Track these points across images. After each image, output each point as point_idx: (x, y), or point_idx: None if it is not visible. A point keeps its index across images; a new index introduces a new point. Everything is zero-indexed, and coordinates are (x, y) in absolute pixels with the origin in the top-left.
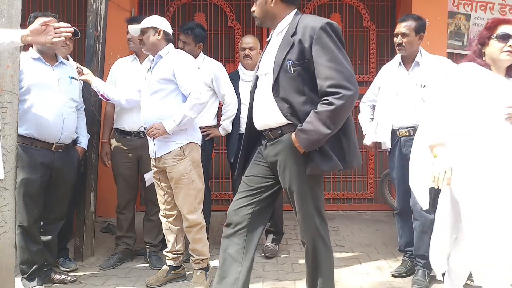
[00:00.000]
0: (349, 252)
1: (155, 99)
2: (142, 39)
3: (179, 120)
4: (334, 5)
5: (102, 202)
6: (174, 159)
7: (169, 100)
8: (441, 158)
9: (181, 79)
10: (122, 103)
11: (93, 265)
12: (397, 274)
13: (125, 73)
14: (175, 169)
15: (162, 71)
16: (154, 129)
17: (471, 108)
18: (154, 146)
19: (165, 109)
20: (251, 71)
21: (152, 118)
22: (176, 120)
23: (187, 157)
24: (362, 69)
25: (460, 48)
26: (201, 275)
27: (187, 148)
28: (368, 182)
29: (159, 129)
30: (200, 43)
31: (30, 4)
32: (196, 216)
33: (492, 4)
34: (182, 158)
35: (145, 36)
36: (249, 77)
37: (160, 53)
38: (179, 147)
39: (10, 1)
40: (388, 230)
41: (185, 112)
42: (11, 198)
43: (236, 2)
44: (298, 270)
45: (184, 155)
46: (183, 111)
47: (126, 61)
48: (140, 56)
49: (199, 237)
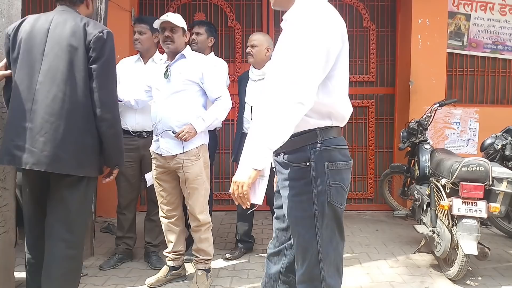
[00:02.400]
0: (349, 252)
1: (177, 99)
2: (171, 36)
3: (210, 122)
4: (334, 5)
5: (102, 202)
6: (191, 160)
7: (192, 101)
8: None
9: (210, 83)
10: (131, 104)
11: (93, 265)
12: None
13: (129, 74)
14: (191, 170)
15: (188, 72)
16: (186, 133)
17: None
18: (167, 144)
19: (187, 110)
20: (259, 71)
21: (172, 119)
22: (206, 121)
23: (201, 158)
24: (362, 69)
25: (460, 48)
26: (202, 275)
27: (201, 149)
28: (368, 182)
29: (191, 131)
30: (212, 37)
31: (30, 4)
32: (206, 215)
33: (492, 4)
34: (198, 159)
35: (176, 35)
36: (256, 76)
37: (183, 53)
38: (195, 147)
39: (10, 1)
40: (388, 230)
41: (216, 115)
42: (11, 198)
43: (236, 2)
44: None
45: (199, 156)
46: (215, 113)
47: (130, 61)
48: (144, 56)
49: (206, 237)
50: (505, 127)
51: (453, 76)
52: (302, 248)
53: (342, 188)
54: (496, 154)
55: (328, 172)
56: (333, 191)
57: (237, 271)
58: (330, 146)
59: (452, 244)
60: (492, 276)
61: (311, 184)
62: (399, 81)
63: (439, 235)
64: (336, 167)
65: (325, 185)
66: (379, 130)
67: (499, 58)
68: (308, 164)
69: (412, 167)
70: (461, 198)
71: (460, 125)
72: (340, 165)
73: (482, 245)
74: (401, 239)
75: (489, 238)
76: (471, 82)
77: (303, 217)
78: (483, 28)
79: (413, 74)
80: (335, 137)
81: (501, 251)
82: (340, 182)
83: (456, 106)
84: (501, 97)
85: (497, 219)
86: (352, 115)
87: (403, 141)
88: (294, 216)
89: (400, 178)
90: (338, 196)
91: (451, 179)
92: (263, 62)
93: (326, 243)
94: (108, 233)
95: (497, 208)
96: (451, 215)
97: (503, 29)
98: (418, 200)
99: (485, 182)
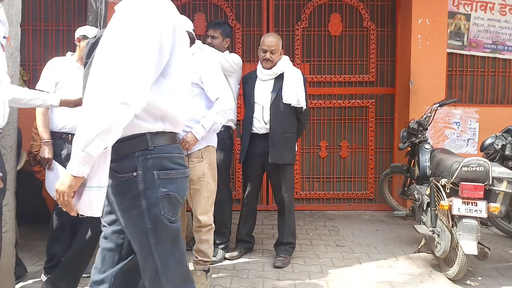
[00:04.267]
0: (349, 252)
1: None
2: None
3: (209, 127)
4: (334, 5)
5: None
6: (193, 162)
7: (194, 103)
8: None
9: (208, 84)
10: None
11: (93, 265)
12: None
13: None
14: (193, 171)
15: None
16: (187, 143)
17: None
18: None
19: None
20: (269, 70)
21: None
22: (205, 127)
23: (204, 160)
24: (362, 69)
25: (460, 48)
26: (202, 275)
27: (205, 151)
28: (368, 182)
29: (191, 141)
30: (227, 38)
31: (30, 4)
32: (208, 217)
33: (492, 4)
34: (201, 161)
35: None
36: (265, 76)
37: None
38: (198, 150)
39: (10, 1)
40: (388, 230)
41: (214, 119)
42: (11, 198)
43: (236, 2)
44: (298, 270)
45: (203, 158)
46: (213, 117)
47: None
48: None
49: (206, 238)
50: (505, 127)
51: (453, 76)
52: (142, 265)
53: (176, 199)
54: (496, 154)
55: (159, 182)
56: (166, 202)
57: (237, 271)
58: (161, 153)
59: (452, 244)
60: (492, 276)
61: (140, 197)
62: (399, 81)
63: (439, 235)
64: (168, 176)
65: (156, 196)
66: (379, 130)
67: (499, 58)
68: (135, 174)
69: (412, 167)
70: (461, 198)
71: (460, 125)
72: (173, 173)
73: (482, 245)
74: (401, 239)
75: (489, 238)
76: (471, 82)
77: (136, 234)
78: (483, 28)
79: (413, 74)
80: (167, 144)
81: (501, 251)
82: (174, 192)
83: (456, 106)
84: (501, 97)
85: (497, 219)
86: (352, 115)
87: (403, 141)
88: (128, 233)
89: (400, 178)
90: (171, 208)
91: (451, 179)
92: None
93: (166, 258)
94: None
95: (497, 208)
96: (451, 215)
97: (503, 29)
98: (418, 200)
99: (485, 182)
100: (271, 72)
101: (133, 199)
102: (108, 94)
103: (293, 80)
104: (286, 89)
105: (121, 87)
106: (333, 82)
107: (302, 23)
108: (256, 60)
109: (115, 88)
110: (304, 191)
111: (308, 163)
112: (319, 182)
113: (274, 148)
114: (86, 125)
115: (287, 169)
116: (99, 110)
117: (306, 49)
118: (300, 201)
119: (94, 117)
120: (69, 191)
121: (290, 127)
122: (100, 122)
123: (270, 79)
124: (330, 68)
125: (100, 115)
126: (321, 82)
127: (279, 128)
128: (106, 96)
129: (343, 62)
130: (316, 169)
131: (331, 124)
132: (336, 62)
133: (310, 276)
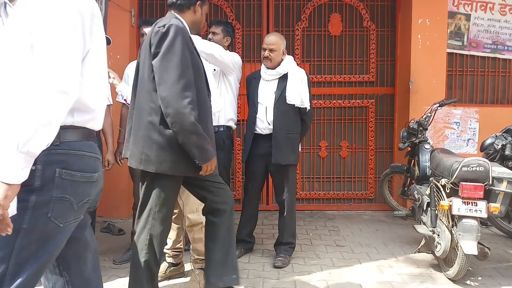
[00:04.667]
0: (349, 252)
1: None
2: None
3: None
4: (334, 5)
5: (102, 202)
6: None
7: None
8: None
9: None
10: None
11: None
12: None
13: None
14: None
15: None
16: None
17: None
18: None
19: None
20: (273, 70)
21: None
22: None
23: None
24: (362, 69)
25: (460, 48)
26: (200, 274)
27: None
28: (368, 182)
29: None
30: (228, 36)
31: None
32: (197, 215)
33: (492, 4)
34: None
35: None
36: (269, 76)
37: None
38: None
39: None
40: (388, 230)
41: None
42: None
43: (236, 2)
44: (298, 270)
45: None
46: None
47: None
48: None
49: (199, 237)
50: (505, 127)
51: (453, 76)
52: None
53: (72, 205)
54: (496, 154)
55: (58, 181)
56: (58, 206)
57: None
58: (68, 150)
59: (452, 244)
60: (492, 276)
61: (32, 192)
62: (399, 81)
63: (439, 235)
64: (71, 177)
65: (50, 196)
66: (379, 130)
67: (499, 58)
68: (33, 168)
69: (412, 167)
70: (461, 198)
71: (460, 125)
72: (78, 175)
73: (482, 245)
74: (401, 239)
75: (489, 238)
76: (471, 82)
77: None
78: (483, 28)
79: (413, 74)
80: (77, 141)
81: (501, 251)
82: (72, 197)
83: (456, 106)
84: (501, 97)
85: (497, 219)
86: (352, 115)
87: (403, 141)
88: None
89: (400, 178)
90: (63, 213)
91: (451, 179)
92: (278, 64)
93: (22, 270)
94: (108, 233)
95: (497, 208)
96: (451, 215)
97: (503, 29)
98: (418, 200)
99: (485, 182)
100: (274, 72)
101: (24, 193)
102: (44, 84)
103: (297, 80)
104: (290, 89)
105: (56, 74)
106: (333, 82)
107: (302, 23)
108: (256, 60)
109: (50, 76)
110: (304, 191)
111: (308, 163)
112: (319, 182)
113: (277, 149)
114: (21, 121)
115: (290, 170)
116: (36, 102)
117: (306, 49)
118: (300, 201)
119: (31, 110)
120: (5, 203)
121: (293, 128)
122: (39, 115)
123: (274, 79)
124: (330, 68)
125: (38, 107)
126: (321, 82)
127: (283, 129)
128: (42, 86)
129: (343, 62)
130: (316, 169)
131: (331, 124)
132: (336, 62)
133: (310, 276)
